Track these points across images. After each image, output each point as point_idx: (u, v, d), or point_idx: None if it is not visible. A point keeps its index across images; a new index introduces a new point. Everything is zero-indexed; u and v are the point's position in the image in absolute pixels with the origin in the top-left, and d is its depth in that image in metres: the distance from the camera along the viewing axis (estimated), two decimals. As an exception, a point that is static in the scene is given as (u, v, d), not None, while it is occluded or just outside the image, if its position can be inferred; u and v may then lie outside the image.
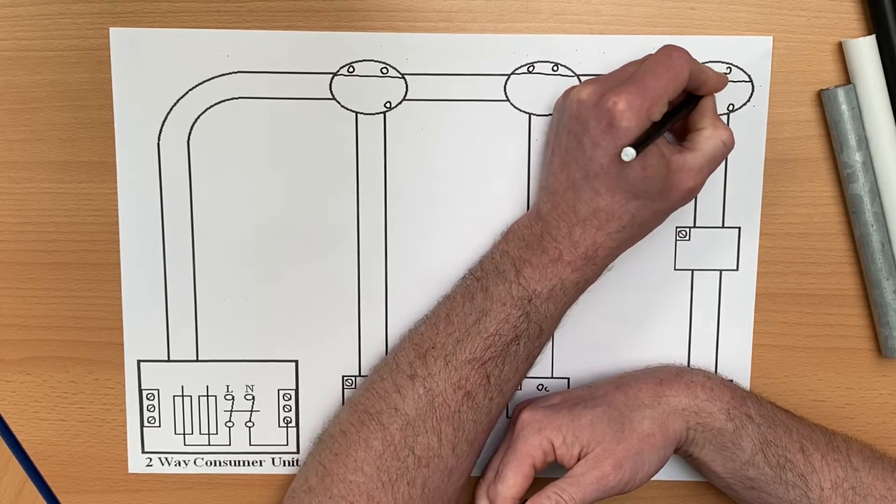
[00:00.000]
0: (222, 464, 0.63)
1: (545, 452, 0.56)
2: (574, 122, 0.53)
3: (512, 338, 0.54)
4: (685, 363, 0.61)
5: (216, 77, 0.58)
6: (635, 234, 0.54)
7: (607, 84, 0.52)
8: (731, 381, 0.60)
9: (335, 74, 0.58)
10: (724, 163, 0.59)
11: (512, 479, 0.56)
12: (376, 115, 0.59)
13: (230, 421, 0.62)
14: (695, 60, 0.53)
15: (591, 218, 0.53)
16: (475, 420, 0.55)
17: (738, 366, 0.61)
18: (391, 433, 0.54)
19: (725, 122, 0.58)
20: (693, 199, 0.56)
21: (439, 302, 0.58)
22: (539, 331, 0.55)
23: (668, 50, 0.52)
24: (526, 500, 0.55)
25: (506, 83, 0.58)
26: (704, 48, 0.57)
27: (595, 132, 0.51)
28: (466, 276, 0.57)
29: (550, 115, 0.58)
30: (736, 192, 0.59)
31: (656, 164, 0.51)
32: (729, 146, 0.54)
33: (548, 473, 0.57)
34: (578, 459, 0.55)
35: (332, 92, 0.58)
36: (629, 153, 0.48)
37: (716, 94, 0.55)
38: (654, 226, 0.55)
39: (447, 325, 0.55)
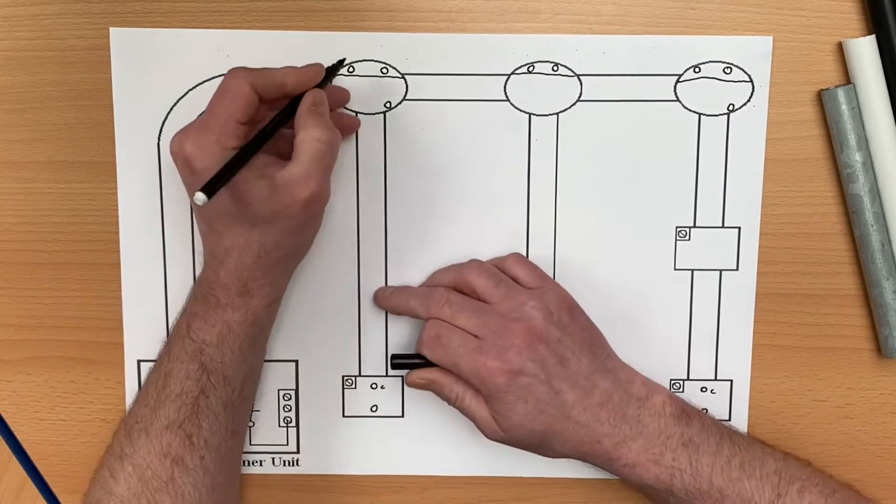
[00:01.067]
0: (222, 464, 0.62)
1: None
2: (180, 175, 0.53)
3: (198, 392, 0.54)
4: (685, 363, 0.61)
5: (216, 77, 0.58)
6: (279, 257, 0.53)
7: (187, 128, 0.52)
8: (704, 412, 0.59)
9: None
10: (724, 163, 0.59)
11: None
12: (376, 115, 0.59)
13: (230, 421, 0.62)
14: (261, 71, 0.51)
15: (226, 257, 0.53)
16: (192, 483, 0.54)
17: (738, 366, 0.61)
18: None
19: (725, 122, 0.58)
20: (321, 206, 0.53)
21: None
22: (223, 379, 0.55)
23: (226, 74, 0.52)
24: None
25: (506, 83, 0.58)
26: (704, 48, 0.58)
27: (187, 180, 0.52)
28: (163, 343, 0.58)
29: (551, 115, 0.58)
30: (736, 192, 0.59)
31: (258, 188, 0.50)
32: (325, 140, 0.51)
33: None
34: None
35: (332, 92, 0.58)
36: (200, 198, 0.46)
37: (318, 90, 0.53)
38: (298, 243, 0.55)
39: (144, 397, 0.56)
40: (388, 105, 0.58)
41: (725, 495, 0.54)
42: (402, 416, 0.62)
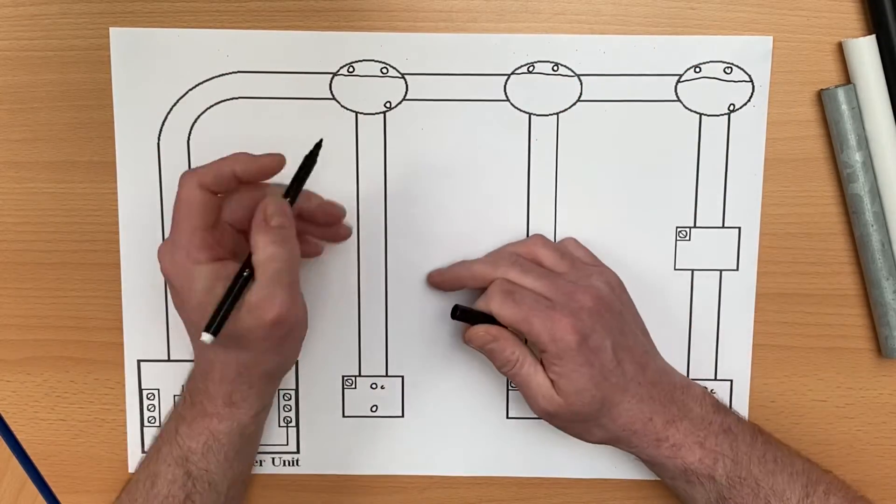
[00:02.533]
0: (222, 464, 0.62)
1: None
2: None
3: (183, 497, 0.55)
4: (685, 363, 0.61)
5: (216, 77, 0.58)
6: (262, 373, 0.54)
7: (165, 242, 0.51)
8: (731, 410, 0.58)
9: (335, 74, 0.58)
10: (724, 163, 0.59)
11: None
12: (376, 115, 0.59)
13: (230, 421, 0.62)
14: (205, 169, 0.50)
15: (211, 370, 0.54)
16: None
17: (738, 366, 0.61)
18: None
19: (726, 122, 0.58)
20: (290, 325, 0.51)
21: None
22: (209, 486, 0.55)
23: (179, 180, 0.51)
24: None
25: (506, 83, 0.58)
26: (704, 48, 0.58)
27: (172, 294, 0.52)
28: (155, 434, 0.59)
29: (551, 114, 0.58)
30: (736, 192, 0.59)
31: (232, 318, 0.49)
32: (281, 259, 0.49)
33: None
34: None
35: (332, 92, 0.58)
36: (206, 338, 0.47)
37: (274, 194, 0.52)
38: (280, 359, 0.54)
39: (133, 492, 0.57)
40: (388, 105, 0.58)
41: (761, 486, 0.54)
42: (402, 416, 0.62)
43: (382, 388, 0.62)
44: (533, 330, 0.53)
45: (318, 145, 0.53)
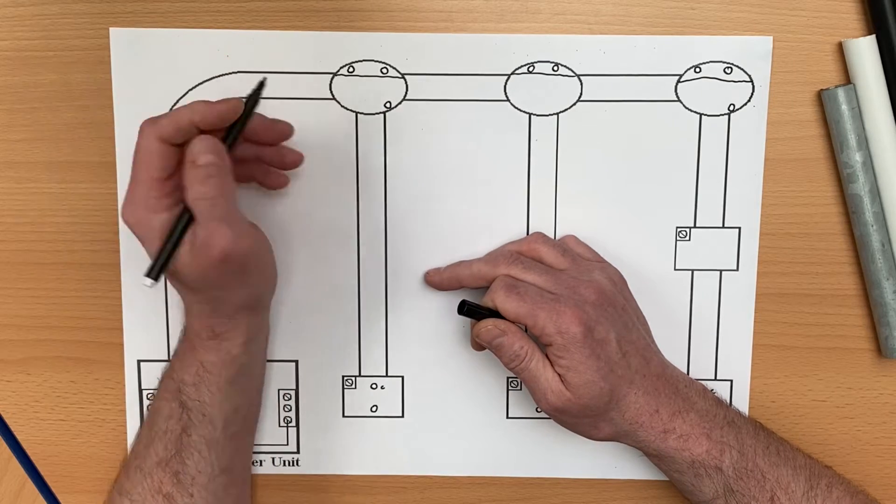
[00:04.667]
0: (222, 464, 0.62)
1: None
2: None
3: (180, 430, 0.55)
4: (685, 363, 0.61)
5: (216, 77, 0.58)
6: (237, 306, 0.54)
7: (126, 195, 0.51)
8: (731, 405, 0.58)
9: (335, 74, 0.58)
10: (724, 163, 0.59)
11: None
12: (376, 115, 0.59)
13: (230, 421, 0.62)
14: (163, 119, 0.50)
15: (191, 307, 0.54)
16: None
17: (738, 366, 0.61)
18: None
19: (726, 122, 0.58)
20: (244, 256, 0.50)
21: None
22: (203, 418, 0.55)
23: (138, 131, 0.50)
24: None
25: (506, 83, 0.58)
26: (704, 48, 0.58)
27: (144, 248, 0.51)
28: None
29: (551, 115, 0.58)
30: (736, 192, 0.59)
31: (179, 257, 0.50)
32: (205, 196, 0.49)
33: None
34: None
35: (332, 92, 0.58)
36: (146, 282, 0.47)
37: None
38: (255, 288, 0.54)
39: (140, 433, 0.57)
40: (388, 105, 0.58)
41: (767, 478, 0.54)
42: (402, 416, 0.62)
43: (382, 388, 0.62)
44: (538, 323, 0.53)
45: (261, 84, 0.52)
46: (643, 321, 0.58)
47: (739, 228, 0.60)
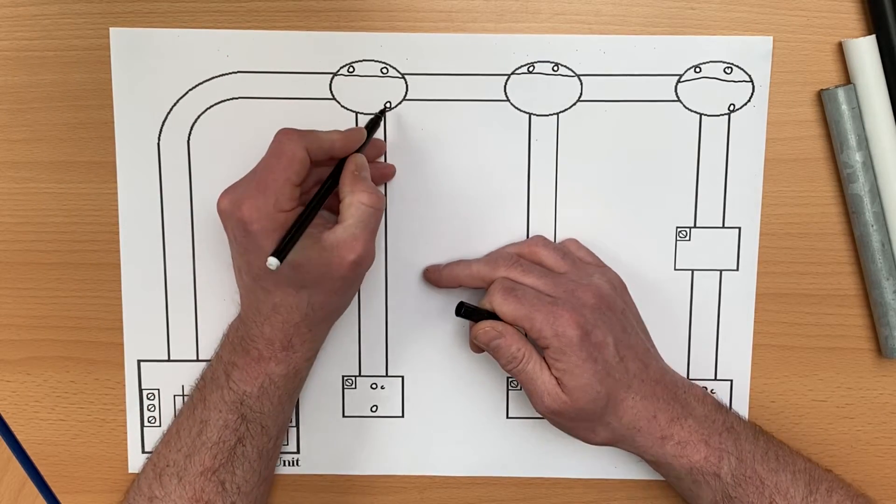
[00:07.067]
0: (222, 464, 0.62)
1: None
2: (226, 231, 0.54)
3: (235, 441, 0.55)
4: (685, 363, 0.61)
5: (216, 77, 0.58)
6: (325, 315, 0.55)
7: (239, 188, 0.52)
8: (729, 410, 0.58)
9: (335, 74, 0.58)
10: (724, 163, 0.59)
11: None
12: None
13: (230, 421, 0.62)
14: (311, 134, 0.52)
15: (274, 314, 0.54)
16: None
17: (738, 366, 0.61)
18: None
19: (726, 122, 0.58)
20: (366, 267, 0.53)
21: (174, 418, 0.59)
22: (261, 428, 0.56)
23: (278, 136, 0.52)
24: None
25: (506, 83, 0.58)
26: (704, 48, 0.58)
27: (240, 240, 0.52)
28: (193, 386, 0.58)
29: (551, 115, 0.58)
30: (736, 192, 0.59)
31: (306, 251, 0.51)
32: (371, 205, 0.52)
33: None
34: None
35: (332, 92, 0.58)
36: (272, 263, 0.48)
37: (359, 154, 0.54)
38: (343, 301, 0.56)
39: (177, 442, 0.56)
40: (388, 105, 0.58)
41: (765, 484, 0.54)
42: (402, 416, 0.62)
43: (382, 388, 0.62)
44: (535, 325, 0.53)
45: (383, 111, 0.57)
46: (643, 326, 0.58)
47: (739, 228, 0.60)
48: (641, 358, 0.55)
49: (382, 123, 0.58)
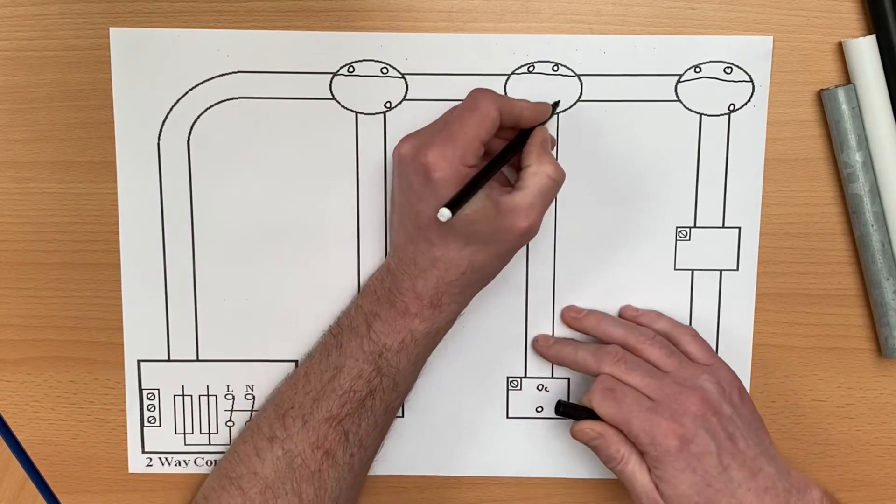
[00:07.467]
0: (222, 464, 0.62)
1: None
2: (399, 178, 0.54)
3: (367, 393, 0.55)
4: (685, 363, 0.61)
5: (216, 77, 0.58)
6: (479, 278, 0.55)
7: (424, 136, 0.53)
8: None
9: (335, 74, 0.58)
10: (724, 163, 0.59)
11: None
12: (376, 115, 0.59)
13: (230, 420, 0.62)
14: (504, 98, 0.53)
15: (431, 268, 0.53)
16: (337, 478, 0.55)
17: (738, 366, 0.61)
18: (251, 498, 0.54)
19: (726, 122, 0.58)
20: (531, 237, 0.54)
21: (301, 360, 0.59)
22: (393, 384, 0.55)
23: (473, 93, 0.53)
24: None
25: (506, 83, 0.58)
26: (704, 48, 0.58)
27: (416, 186, 0.52)
28: (326, 331, 0.58)
29: (551, 114, 0.58)
30: (736, 192, 0.59)
31: (482, 209, 0.51)
32: (555, 178, 0.53)
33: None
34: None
35: (332, 92, 0.58)
36: (444, 214, 0.48)
37: (546, 127, 0.55)
38: (499, 267, 0.56)
39: (305, 384, 0.56)
40: (388, 105, 0.58)
41: None
42: (402, 416, 0.62)
43: (382, 388, 0.62)
44: (632, 431, 0.53)
45: (557, 103, 0.58)
46: (758, 426, 0.56)
47: (739, 228, 0.60)
48: (749, 465, 0.53)
49: (383, 122, 0.58)
